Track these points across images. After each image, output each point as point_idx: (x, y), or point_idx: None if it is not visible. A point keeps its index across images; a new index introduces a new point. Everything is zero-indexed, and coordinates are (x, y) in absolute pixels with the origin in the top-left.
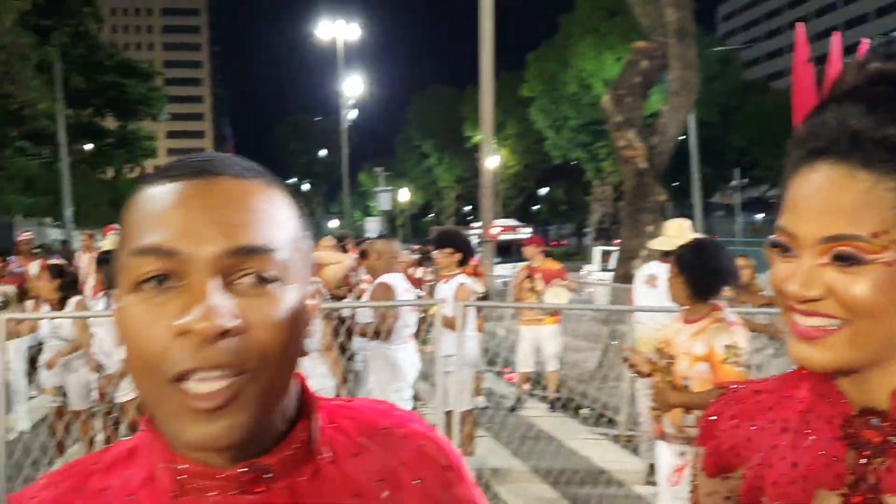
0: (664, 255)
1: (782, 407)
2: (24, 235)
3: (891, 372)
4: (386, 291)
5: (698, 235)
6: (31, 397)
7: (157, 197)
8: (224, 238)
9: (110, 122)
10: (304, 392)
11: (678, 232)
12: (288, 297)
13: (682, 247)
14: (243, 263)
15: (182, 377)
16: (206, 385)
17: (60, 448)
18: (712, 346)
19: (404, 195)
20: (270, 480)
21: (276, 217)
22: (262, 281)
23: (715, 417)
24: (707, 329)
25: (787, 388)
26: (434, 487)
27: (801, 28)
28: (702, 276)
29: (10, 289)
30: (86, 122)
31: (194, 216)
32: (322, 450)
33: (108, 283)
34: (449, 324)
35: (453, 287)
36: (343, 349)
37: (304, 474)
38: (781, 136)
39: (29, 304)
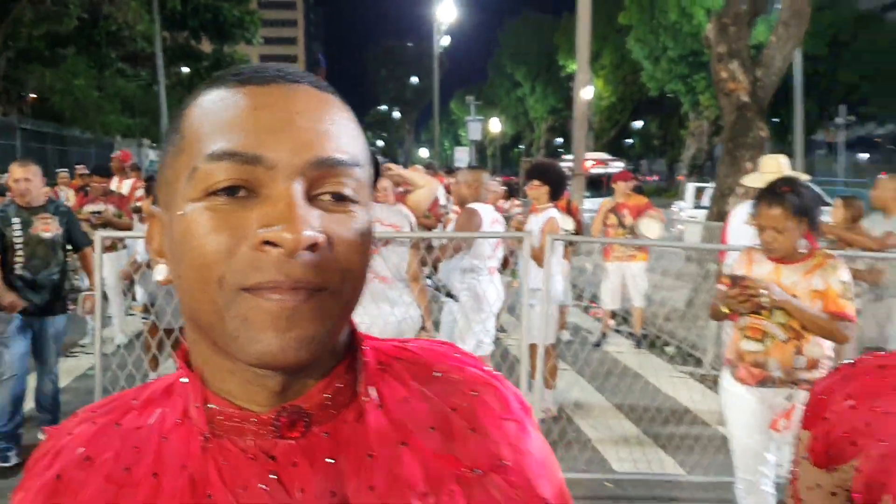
0: None
1: None
2: (116, 154)
3: None
4: (471, 217)
5: (796, 173)
6: (129, 314)
7: (231, 99)
8: (311, 147)
9: (206, 46)
10: (351, 328)
11: (775, 168)
12: (363, 217)
13: (771, 183)
14: (327, 177)
15: (257, 289)
16: (285, 296)
17: (154, 364)
18: (828, 283)
19: (495, 125)
20: (309, 424)
21: (355, 134)
22: (343, 199)
23: (825, 396)
24: (824, 264)
25: None
26: (490, 439)
27: None
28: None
29: (112, 208)
30: (182, 44)
31: (279, 121)
32: (368, 392)
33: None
34: (536, 257)
35: (542, 221)
36: (430, 279)
37: (347, 419)
38: None
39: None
